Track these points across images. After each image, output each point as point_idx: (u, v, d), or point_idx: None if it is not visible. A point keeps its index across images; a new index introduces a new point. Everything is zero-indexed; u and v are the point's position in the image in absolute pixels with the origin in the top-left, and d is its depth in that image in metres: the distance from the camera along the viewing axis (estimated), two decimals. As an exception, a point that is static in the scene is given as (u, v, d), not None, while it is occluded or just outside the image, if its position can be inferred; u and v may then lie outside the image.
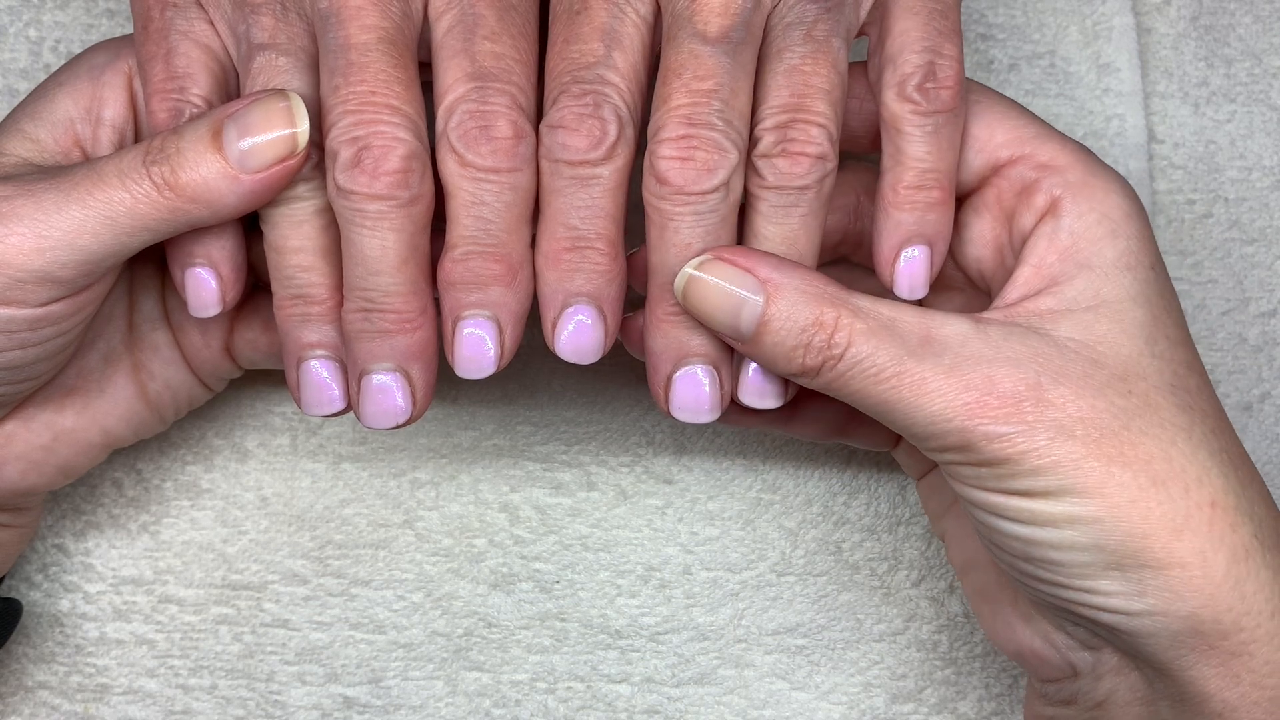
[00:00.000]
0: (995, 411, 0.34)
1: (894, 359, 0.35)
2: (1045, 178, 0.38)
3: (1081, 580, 0.35)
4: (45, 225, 0.35)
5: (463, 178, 0.35)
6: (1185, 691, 0.35)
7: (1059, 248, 0.37)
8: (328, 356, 0.38)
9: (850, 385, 0.35)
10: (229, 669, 0.46)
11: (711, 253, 0.36)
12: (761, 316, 0.35)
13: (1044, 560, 0.35)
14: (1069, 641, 0.38)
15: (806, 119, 0.36)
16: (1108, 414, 0.35)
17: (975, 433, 0.34)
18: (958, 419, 0.34)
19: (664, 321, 0.37)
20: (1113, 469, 0.34)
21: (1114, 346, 0.36)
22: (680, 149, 0.35)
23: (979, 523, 0.36)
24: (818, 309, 0.35)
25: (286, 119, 0.36)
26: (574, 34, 0.36)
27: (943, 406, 0.34)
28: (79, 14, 0.49)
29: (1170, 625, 0.34)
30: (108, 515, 0.47)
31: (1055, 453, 0.34)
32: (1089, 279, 0.36)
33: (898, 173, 0.37)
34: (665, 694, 0.46)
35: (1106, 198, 0.37)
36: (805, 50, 0.36)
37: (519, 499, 0.47)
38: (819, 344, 0.35)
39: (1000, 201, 0.39)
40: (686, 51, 0.35)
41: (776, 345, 0.35)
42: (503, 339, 0.37)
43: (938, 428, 0.35)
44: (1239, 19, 0.50)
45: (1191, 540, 0.34)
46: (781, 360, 0.36)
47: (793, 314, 0.35)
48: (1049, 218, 0.37)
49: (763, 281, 0.35)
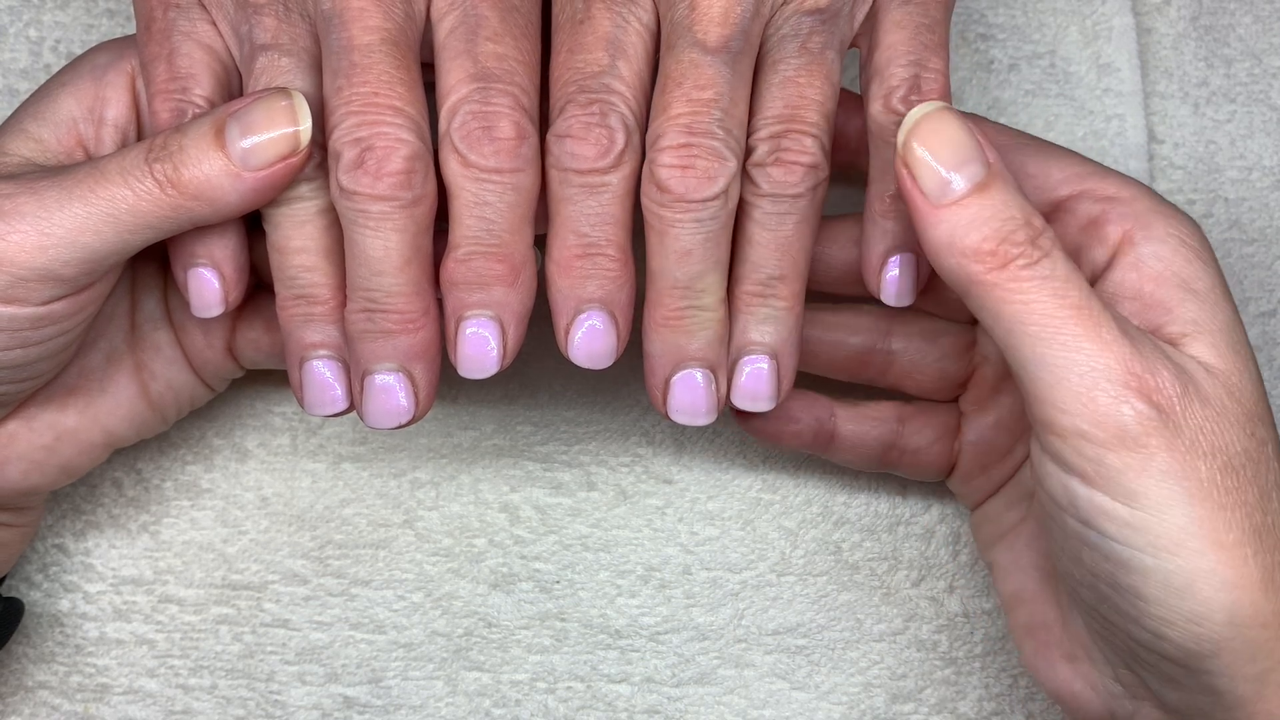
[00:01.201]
0: (1154, 394, 0.33)
1: (1083, 291, 0.34)
2: (1112, 209, 0.37)
3: (1160, 625, 0.34)
4: (47, 223, 0.36)
5: (466, 178, 0.36)
6: None
7: (1152, 274, 0.36)
8: (330, 356, 0.38)
9: (1028, 293, 0.33)
10: (229, 669, 0.46)
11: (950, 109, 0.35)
12: (982, 181, 0.34)
13: (1130, 591, 0.34)
14: (1115, 689, 0.37)
15: (800, 129, 0.36)
16: (1232, 450, 0.34)
17: (1129, 403, 0.33)
18: (1117, 381, 0.33)
19: (663, 326, 0.37)
20: (1228, 505, 0.33)
21: (1242, 380, 0.35)
22: (681, 157, 0.35)
23: (1068, 533, 0.35)
24: (1033, 211, 0.34)
25: (289, 117, 0.36)
26: (578, 43, 0.36)
27: (1109, 361, 0.33)
28: (79, 14, 0.49)
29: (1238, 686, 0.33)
30: (108, 515, 0.47)
31: (1189, 462, 0.33)
32: (1198, 304, 0.35)
33: (885, 183, 0.38)
34: (665, 694, 0.46)
35: (1181, 225, 0.37)
36: (800, 62, 0.37)
37: (519, 499, 0.47)
38: (1024, 238, 0.34)
39: (1065, 239, 0.38)
40: (687, 60, 0.36)
41: (978, 217, 0.34)
42: (505, 339, 0.37)
43: (1092, 380, 0.33)
44: (1239, 19, 0.50)
45: (1276, 599, 0.33)
46: (976, 234, 0.34)
47: (1009, 198, 0.34)
48: (1126, 248, 0.36)
49: (991, 161, 0.34)
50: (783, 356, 0.39)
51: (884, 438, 0.43)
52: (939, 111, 0.35)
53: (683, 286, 0.37)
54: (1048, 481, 0.35)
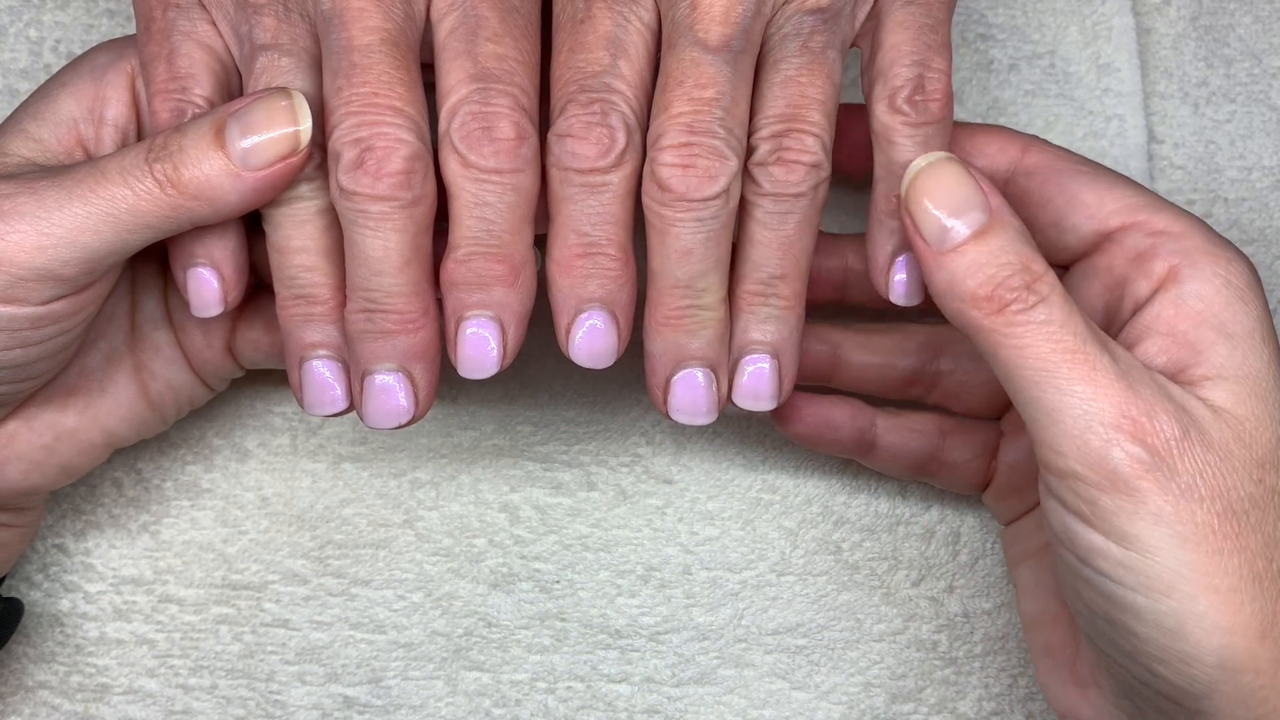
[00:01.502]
0: (1148, 437, 0.33)
1: (1080, 336, 0.34)
2: (1162, 244, 0.37)
3: (1152, 662, 0.34)
4: (47, 222, 0.36)
5: (465, 179, 0.36)
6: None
7: (1190, 314, 0.36)
8: (330, 356, 0.38)
9: (1023, 338, 0.34)
10: (229, 669, 0.46)
11: (953, 157, 0.36)
12: (981, 228, 0.35)
13: (1123, 628, 0.34)
14: (1119, 717, 0.37)
15: (801, 129, 0.36)
16: (1235, 494, 0.33)
17: (1121, 446, 0.33)
18: (1109, 425, 0.33)
19: (664, 325, 0.37)
20: (1224, 548, 0.33)
21: (1259, 428, 0.34)
22: (682, 156, 0.35)
23: (1068, 569, 0.35)
24: (1031, 253, 0.35)
25: (289, 117, 0.36)
26: (579, 43, 0.36)
27: (1104, 405, 0.33)
28: (79, 14, 0.49)
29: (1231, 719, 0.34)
30: (108, 515, 0.47)
31: (1183, 506, 0.33)
32: (1231, 348, 0.35)
33: (890, 182, 0.38)
34: (665, 694, 0.46)
35: (1230, 265, 0.36)
36: (801, 61, 0.37)
37: (519, 499, 0.47)
38: (1019, 282, 0.34)
39: (1111, 269, 0.38)
40: (688, 60, 0.36)
41: (975, 264, 0.34)
42: (505, 339, 0.37)
43: (1087, 424, 0.33)
44: (1239, 19, 0.50)
45: (1272, 649, 0.33)
46: (973, 280, 0.35)
47: (1007, 244, 0.35)
48: (1170, 284, 0.36)
49: (993, 207, 0.35)
50: (784, 356, 0.39)
51: (924, 450, 0.44)
52: (941, 161, 0.36)
53: (684, 286, 0.37)
54: (1050, 517, 0.35)
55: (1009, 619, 0.46)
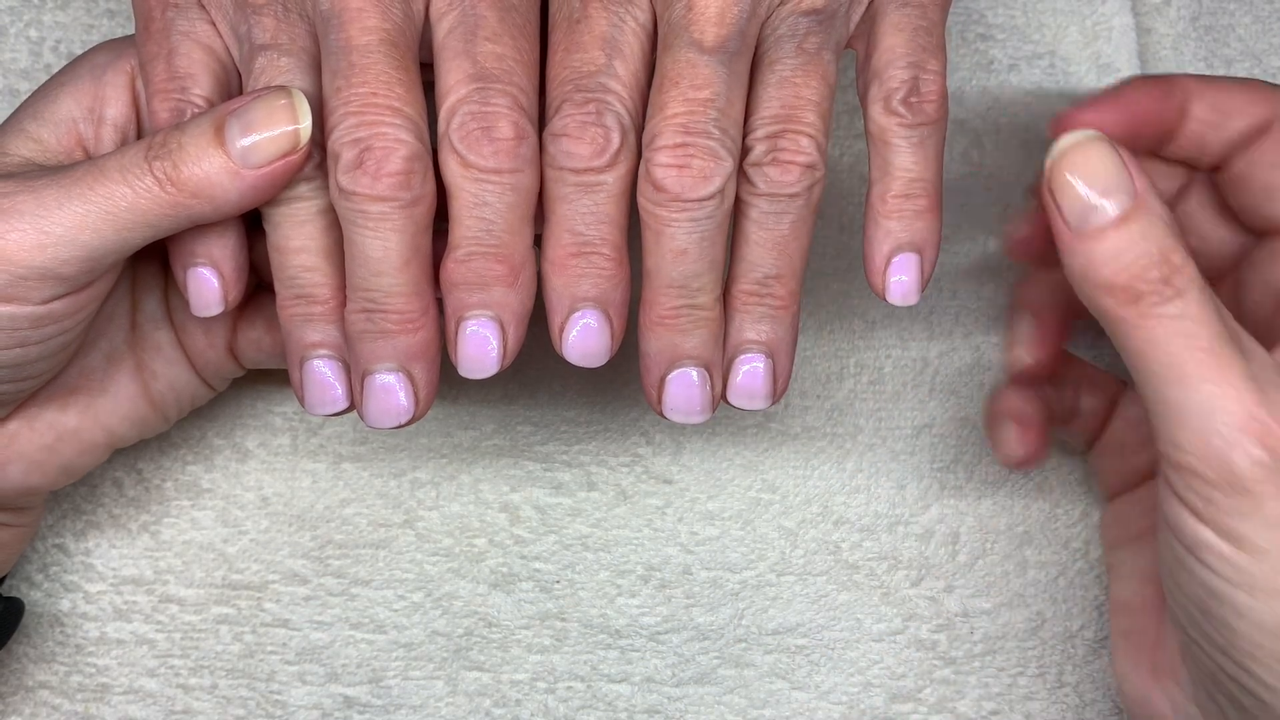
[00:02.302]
0: (1272, 439, 0.32)
1: (1213, 334, 0.33)
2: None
3: (1246, 658, 0.34)
4: (46, 221, 0.36)
5: (465, 178, 0.36)
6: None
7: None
8: (331, 356, 0.38)
9: (1156, 332, 0.33)
10: (229, 669, 0.46)
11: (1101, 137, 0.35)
12: (1122, 215, 0.34)
13: (1221, 621, 0.34)
14: (1191, 710, 0.37)
15: (796, 130, 0.36)
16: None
17: (1243, 449, 0.32)
18: (1235, 426, 0.32)
19: (658, 325, 0.37)
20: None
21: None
22: (677, 157, 0.35)
23: (1173, 556, 0.35)
24: (1174, 244, 0.34)
25: (289, 115, 0.36)
26: (575, 42, 0.36)
27: (1230, 405, 0.33)
28: (80, 14, 0.49)
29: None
30: (108, 515, 0.47)
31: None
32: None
33: (886, 183, 0.38)
34: (665, 694, 0.46)
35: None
36: (797, 63, 0.37)
37: (519, 499, 0.47)
38: (1157, 276, 0.33)
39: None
40: (683, 60, 0.36)
41: (1114, 251, 0.34)
42: (506, 338, 0.37)
43: (1211, 423, 0.33)
44: (1239, 19, 0.50)
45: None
46: (1110, 268, 0.34)
47: (1149, 233, 0.34)
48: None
49: (1138, 190, 0.34)
50: (778, 355, 0.39)
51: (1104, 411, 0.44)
52: (1089, 140, 0.35)
53: (678, 286, 0.37)
54: (1163, 505, 0.35)
55: (1008, 619, 0.47)
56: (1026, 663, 0.46)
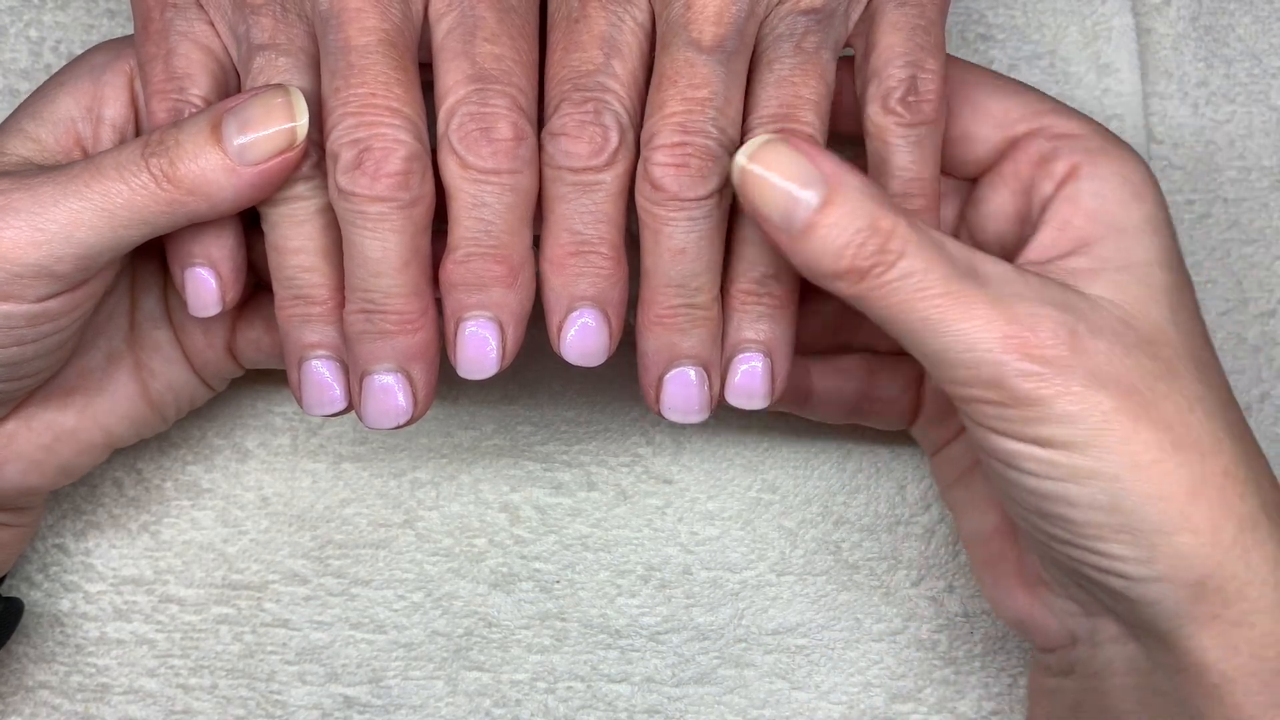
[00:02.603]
0: (1035, 349, 0.34)
1: (943, 278, 0.34)
2: (1063, 145, 0.38)
3: (1093, 541, 0.35)
4: (42, 219, 0.36)
5: (464, 179, 0.36)
6: (1184, 661, 0.35)
7: (1085, 210, 0.37)
8: (329, 356, 0.38)
9: (892, 297, 0.34)
10: (229, 669, 0.46)
11: (779, 136, 0.35)
12: (818, 208, 0.34)
13: (1059, 516, 0.35)
14: (1069, 607, 0.38)
15: (795, 129, 0.36)
16: (1135, 373, 0.34)
17: (1011, 367, 0.34)
18: (996, 350, 0.34)
19: (656, 324, 0.37)
20: (1139, 427, 0.34)
21: (1144, 309, 0.35)
22: (675, 156, 0.35)
23: (996, 474, 0.36)
24: (877, 211, 0.34)
25: (286, 113, 0.36)
26: (574, 42, 0.36)
27: (983, 335, 0.34)
28: (79, 14, 0.49)
29: (1175, 592, 0.34)
30: (108, 515, 0.47)
31: (1087, 400, 0.34)
32: (1119, 240, 0.36)
33: (883, 182, 0.38)
34: (665, 694, 0.46)
35: (1125, 163, 0.37)
36: (795, 62, 0.37)
37: (519, 499, 0.47)
38: (872, 247, 0.34)
39: (1018, 174, 0.39)
40: (681, 59, 0.36)
41: (827, 241, 0.34)
42: (505, 339, 0.37)
43: (975, 356, 0.34)
44: (1239, 19, 0.50)
45: (1205, 507, 0.34)
46: (829, 258, 0.34)
47: (851, 211, 0.34)
48: (1070, 181, 0.37)
49: (826, 175, 0.34)
50: (777, 354, 0.39)
51: (858, 390, 0.44)
52: (765, 147, 0.35)
53: (676, 285, 0.37)
54: (971, 434, 0.36)
55: (1009, 619, 0.47)
56: (1027, 663, 0.46)
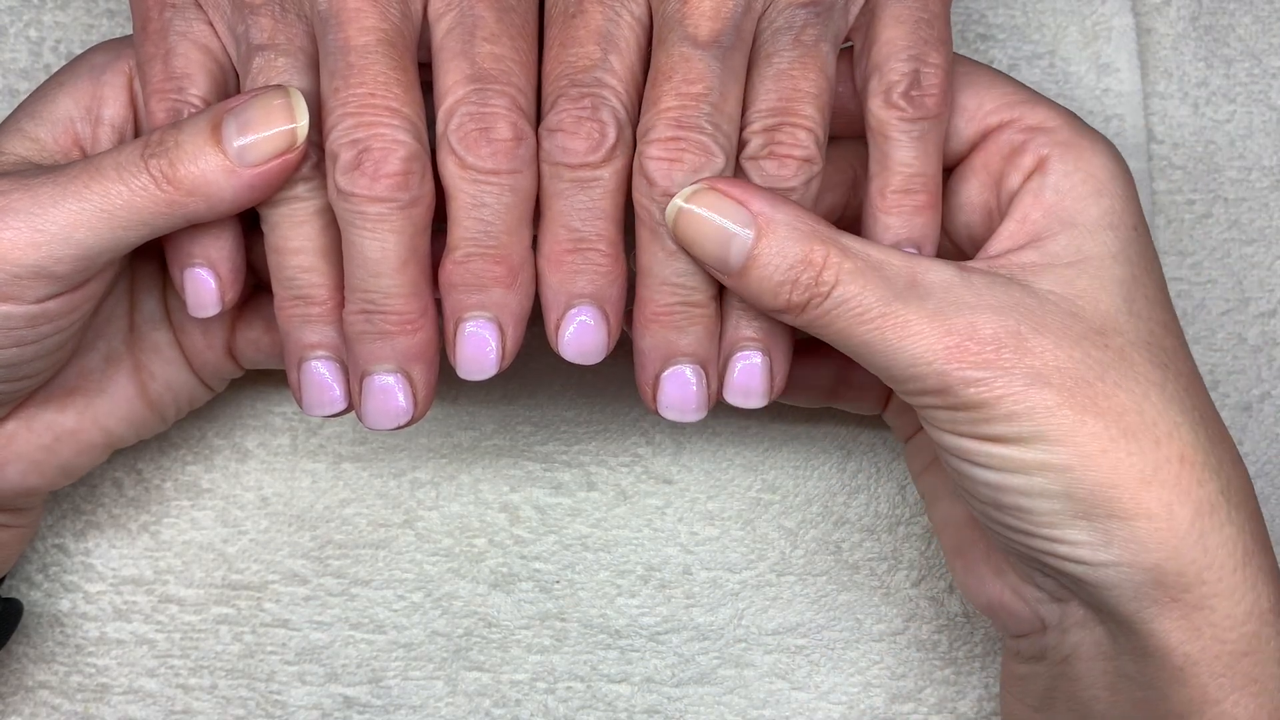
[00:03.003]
0: (974, 356, 0.35)
1: (880, 300, 0.35)
2: (1033, 138, 0.38)
3: (1049, 529, 0.35)
4: (41, 219, 0.35)
5: (463, 180, 0.35)
6: (1147, 645, 0.35)
7: (1044, 204, 0.37)
8: (329, 357, 0.38)
9: (834, 324, 0.35)
10: (229, 669, 0.46)
11: (705, 182, 0.36)
12: (751, 250, 0.35)
13: (1013, 507, 0.35)
14: (1037, 594, 0.38)
15: (794, 123, 0.36)
16: (1084, 364, 0.35)
17: (953, 376, 0.35)
18: (937, 362, 0.35)
19: (653, 322, 0.37)
20: (1085, 418, 0.34)
21: (1093, 301, 0.36)
22: (669, 150, 0.35)
23: (952, 469, 0.37)
24: (807, 246, 0.35)
25: (285, 114, 0.36)
26: (570, 37, 0.36)
27: (924, 349, 0.35)
28: (79, 14, 0.49)
29: (1134, 576, 0.35)
30: (108, 515, 0.47)
31: (1030, 399, 0.34)
32: (1072, 236, 0.37)
33: (885, 178, 0.38)
34: (665, 694, 0.46)
35: (1093, 158, 0.37)
36: (794, 55, 0.37)
37: (519, 499, 0.47)
38: (806, 281, 0.35)
39: (988, 166, 0.39)
40: (677, 54, 0.36)
41: (763, 280, 0.35)
42: (504, 340, 0.37)
43: (917, 370, 0.35)
44: (1239, 19, 0.50)
45: (1159, 492, 0.35)
46: (767, 296, 0.35)
47: (782, 249, 0.35)
48: (1036, 175, 0.37)
49: (754, 215, 0.35)
50: (775, 351, 0.38)
51: (832, 374, 0.44)
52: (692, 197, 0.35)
53: (673, 283, 0.37)
54: (926, 432, 0.37)
55: (1009, 619, 0.47)
56: (1027, 663, 0.46)
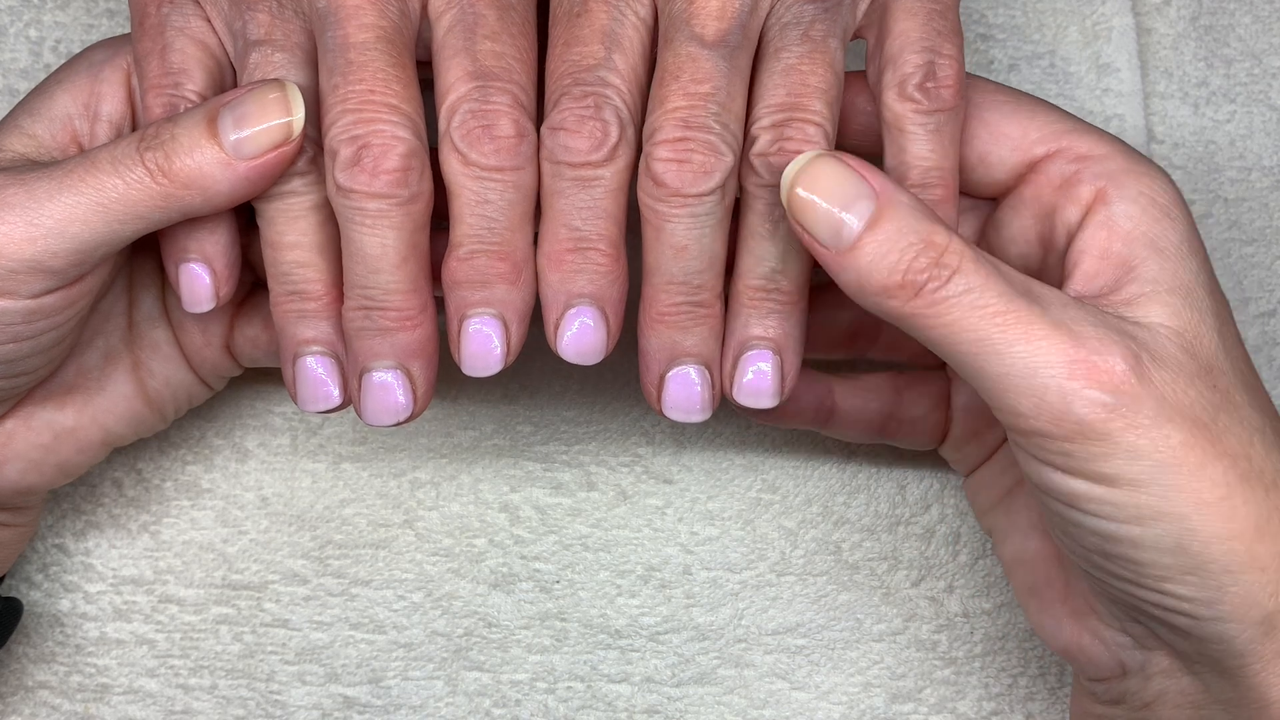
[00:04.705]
0: (1103, 375, 0.33)
1: (1003, 295, 0.33)
2: (1086, 168, 0.37)
3: (1159, 582, 0.34)
4: (36, 214, 0.36)
5: (466, 177, 0.35)
6: (1247, 696, 0.34)
7: (1121, 233, 0.36)
8: (324, 353, 0.38)
9: (948, 314, 0.33)
10: (229, 669, 0.46)
11: (827, 152, 0.35)
12: (871, 220, 0.34)
13: (1121, 557, 0.34)
14: (1123, 640, 0.37)
15: (803, 118, 0.36)
16: (1199, 404, 0.33)
17: (1079, 395, 0.32)
18: (1061, 376, 0.33)
19: (658, 322, 0.37)
20: (1207, 461, 0.33)
21: (1197, 336, 0.34)
22: (677, 151, 0.35)
23: (1054, 512, 0.35)
24: (930, 226, 0.33)
25: (282, 108, 0.36)
26: (574, 36, 0.36)
27: (1048, 359, 0.33)
28: (79, 14, 0.49)
29: (1243, 631, 0.34)
30: (108, 515, 0.47)
31: (1156, 434, 0.33)
32: (1162, 262, 0.35)
33: (901, 172, 0.37)
34: (665, 694, 0.46)
35: (1154, 183, 0.36)
36: (802, 50, 0.36)
37: (519, 499, 0.47)
38: (926, 262, 0.33)
39: (1039, 198, 0.38)
40: (684, 54, 0.35)
41: (878, 255, 0.33)
42: (508, 336, 0.37)
43: (1038, 383, 0.33)
44: (1239, 19, 0.50)
45: (1272, 543, 0.33)
46: (880, 273, 0.33)
47: (903, 226, 0.33)
48: (1099, 206, 0.36)
49: (876, 190, 0.34)
50: (786, 352, 0.38)
51: (883, 410, 0.43)
52: (813, 161, 0.34)
53: (679, 282, 0.36)
54: (1027, 470, 0.35)
55: (1009, 619, 0.46)
56: (1027, 663, 0.46)
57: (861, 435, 0.44)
